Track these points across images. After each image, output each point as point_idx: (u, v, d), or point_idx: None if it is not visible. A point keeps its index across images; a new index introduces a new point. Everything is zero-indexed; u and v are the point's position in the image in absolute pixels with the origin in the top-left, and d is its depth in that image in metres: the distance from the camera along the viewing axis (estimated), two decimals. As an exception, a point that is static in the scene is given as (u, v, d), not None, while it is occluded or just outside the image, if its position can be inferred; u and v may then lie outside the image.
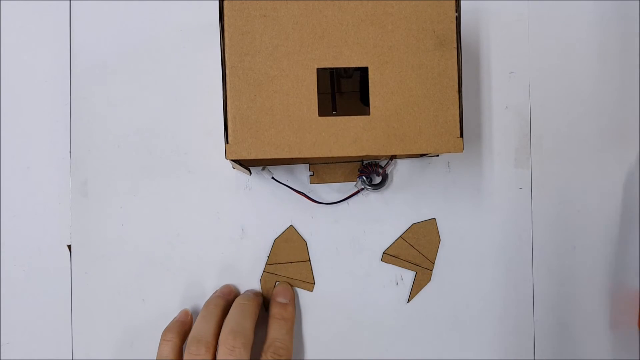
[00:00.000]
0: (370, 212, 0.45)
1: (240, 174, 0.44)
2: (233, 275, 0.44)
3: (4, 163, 0.43)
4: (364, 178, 0.43)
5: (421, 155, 0.43)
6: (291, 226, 0.44)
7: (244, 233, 0.44)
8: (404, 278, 0.45)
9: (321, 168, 0.44)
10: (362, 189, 0.44)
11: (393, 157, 0.43)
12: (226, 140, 0.34)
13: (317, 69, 0.34)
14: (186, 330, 0.41)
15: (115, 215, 0.43)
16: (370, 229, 0.44)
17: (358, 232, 0.44)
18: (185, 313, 0.42)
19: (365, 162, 0.44)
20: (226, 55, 0.34)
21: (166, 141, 0.44)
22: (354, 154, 0.34)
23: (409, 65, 0.35)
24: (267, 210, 0.44)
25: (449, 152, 0.36)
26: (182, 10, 0.44)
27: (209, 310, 0.40)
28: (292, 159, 0.39)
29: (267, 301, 0.43)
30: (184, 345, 0.40)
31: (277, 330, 0.40)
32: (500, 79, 0.46)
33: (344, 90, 0.41)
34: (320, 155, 0.34)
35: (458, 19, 0.35)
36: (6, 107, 0.43)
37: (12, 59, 0.43)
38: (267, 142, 0.34)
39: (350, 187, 0.44)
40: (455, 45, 0.35)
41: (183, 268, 0.43)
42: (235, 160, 0.36)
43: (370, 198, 0.45)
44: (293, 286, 0.44)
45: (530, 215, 0.46)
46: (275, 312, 0.41)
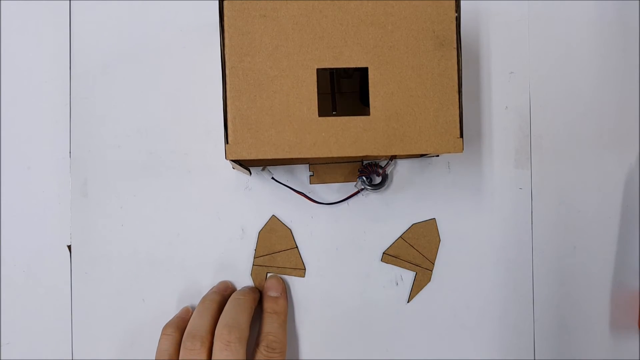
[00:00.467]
0: (370, 213, 0.45)
1: (240, 174, 0.44)
2: (233, 275, 0.44)
3: (4, 163, 0.43)
4: (364, 178, 0.43)
5: (421, 155, 0.43)
6: (273, 216, 0.44)
7: (244, 233, 0.44)
8: (404, 278, 0.45)
9: (321, 168, 0.44)
10: (362, 189, 0.44)
11: (393, 158, 0.43)
12: (226, 141, 0.34)
13: (317, 69, 0.34)
14: (186, 326, 0.41)
15: (115, 215, 0.43)
16: (370, 229, 0.44)
17: (358, 232, 0.44)
18: (186, 310, 0.42)
19: (365, 163, 0.44)
20: (226, 56, 0.34)
21: (166, 141, 0.44)
22: (354, 154, 0.34)
23: (409, 66, 0.35)
24: (267, 211, 0.44)
25: (449, 153, 0.36)
26: (182, 11, 0.44)
27: (204, 305, 0.40)
28: (292, 159, 0.39)
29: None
30: None
31: (270, 324, 0.40)
32: (500, 79, 0.46)
33: (343, 91, 0.41)
34: (320, 156, 0.34)
35: (458, 19, 0.35)
36: (6, 107, 0.43)
37: (12, 59, 0.43)
38: (267, 143, 0.34)
39: (350, 188, 0.44)
40: (455, 46, 0.35)
41: (183, 268, 0.43)
42: (235, 161, 0.36)
43: (370, 198, 0.45)
44: (284, 277, 0.44)
45: (530, 215, 0.46)
46: (267, 306, 0.41)
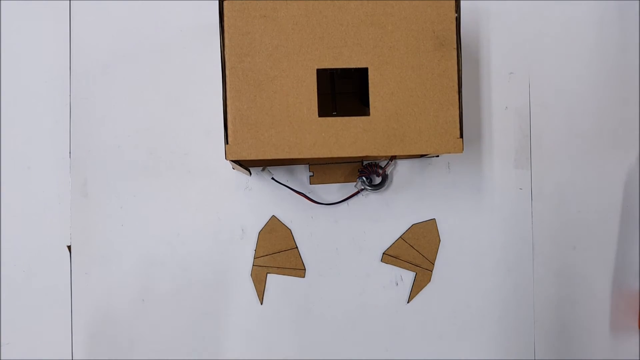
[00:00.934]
0: (370, 213, 0.44)
1: (240, 174, 0.44)
2: (233, 275, 0.44)
3: (4, 163, 0.43)
4: (364, 179, 0.43)
5: (421, 155, 0.43)
6: (273, 216, 0.44)
7: (244, 233, 0.44)
8: (404, 278, 0.45)
9: (321, 169, 0.44)
10: (362, 190, 0.44)
11: (393, 158, 0.43)
12: (226, 141, 0.34)
13: (317, 70, 0.34)
14: None
15: (115, 215, 0.43)
16: (370, 230, 0.44)
17: (358, 233, 0.44)
18: None
19: (365, 163, 0.44)
20: (226, 56, 0.34)
21: (166, 141, 0.44)
22: (353, 155, 0.34)
23: (409, 66, 0.35)
24: (267, 211, 0.44)
25: (449, 153, 0.36)
26: (182, 11, 0.44)
27: None
28: (292, 159, 0.39)
29: (261, 291, 0.42)
30: None
31: None
32: (500, 79, 0.46)
33: (344, 91, 0.41)
34: (320, 156, 0.34)
35: (458, 19, 0.35)
36: (6, 107, 0.43)
37: (12, 59, 0.43)
38: (267, 143, 0.34)
39: (350, 188, 0.44)
40: (455, 46, 0.35)
41: (183, 268, 0.43)
42: (235, 161, 0.36)
43: (370, 198, 0.45)
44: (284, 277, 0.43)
45: (530, 215, 0.46)
46: None
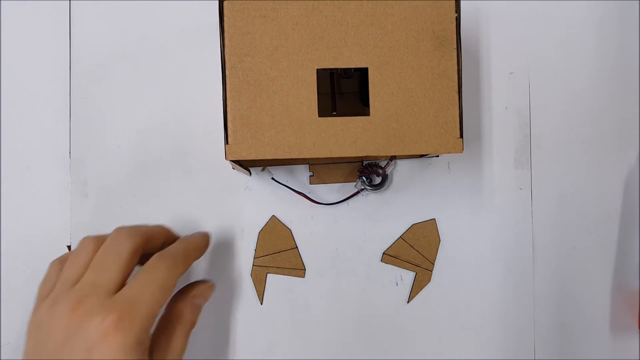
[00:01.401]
0: (370, 213, 0.44)
1: (240, 174, 0.44)
2: (233, 275, 0.44)
3: (4, 163, 0.43)
4: (364, 178, 0.43)
5: (421, 155, 0.43)
6: (273, 216, 0.44)
7: (244, 233, 0.44)
8: (404, 278, 0.45)
9: (321, 169, 0.44)
10: (362, 190, 0.44)
11: (393, 158, 0.43)
12: (226, 141, 0.34)
13: (317, 70, 0.34)
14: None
15: (115, 215, 0.43)
16: (370, 230, 0.44)
17: (358, 233, 0.44)
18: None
19: (365, 163, 0.44)
20: (226, 56, 0.34)
21: (166, 141, 0.44)
22: (353, 155, 0.34)
23: (409, 66, 0.35)
24: (267, 211, 0.44)
25: (449, 153, 0.36)
26: (182, 11, 0.44)
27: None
28: (292, 159, 0.39)
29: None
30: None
31: (176, 244, 0.36)
32: (500, 79, 0.46)
33: (343, 91, 0.41)
34: (320, 156, 0.34)
35: (458, 19, 0.35)
36: (6, 107, 0.43)
37: (12, 59, 0.43)
38: (267, 143, 0.34)
39: (350, 188, 0.44)
40: (455, 46, 0.35)
41: (183, 268, 0.43)
42: (235, 161, 0.36)
43: (370, 198, 0.45)
44: (284, 277, 0.43)
45: (530, 215, 0.46)
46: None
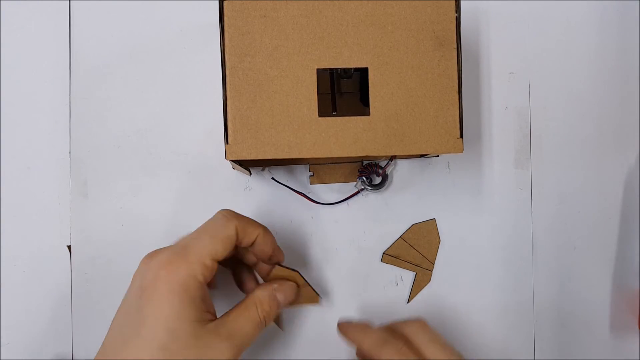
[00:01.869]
0: (370, 213, 0.44)
1: (240, 174, 0.44)
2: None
3: (4, 163, 0.43)
4: (364, 178, 0.43)
5: (421, 155, 0.43)
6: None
7: (244, 233, 0.44)
8: (404, 278, 0.45)
9: (321, 168, 0.44)
10: (362, 190, 0.44)
11: (393, 158, 0.43)
12: (226, 141, 0.34)
13: (317, 70, 0.34)
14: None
15: (115, 215, 0.43)
16: (370, 230, 0.44)
17: (358, 233, 0.44)
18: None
19: (365, 163, 0.44)
20: (226, 56, 0.34)
21: (166, 141, 0.44)
22: (353, 155, 0.34)
23: (409, 66, 0.35)
24: (267, 211, 0.44)
25: (449, 153, 0.36)
26: (182, 10, 0.44)
27: None
28: (292, 159, 0.39)
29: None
30: None
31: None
32: (500, 79, 0.46)
33: (343, 91, 0.41)
34: (320, 156, 0.34)
35: (458, 19, 0.35)
36: (6, 107, 0.43)
37: (12, 59, 0.43)
38: (267, 143, 0.34)
39: (350, 188, 0.44)
40: (455, 46, 0.35)
41: (183, 268, 0.43)
42: (235, 161, 0.36)
43: (370, 198, 0.45)
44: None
45: (530, 215, 0.46)
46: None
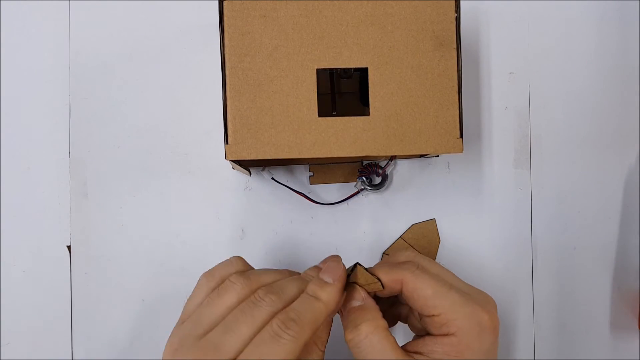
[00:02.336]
0: (370, 213, 0.44)
1: (240, 174, 0.44)
2: (233, 275, 0.44)
3: (4, 163, 0.43)
4: (364, 178, 0.43)
5: (421, 155, 0.43)
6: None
7: (244, 233, 0.44)
8: (404, 278, 0.45)
9: (321, 169, 0.44)
10: (362, 190, 0.44)
11: (393, 158, 0.43)
12: (226, 141, 0.34)
13: (317, 70, 0.34)
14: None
15: (115, 216, 0.43)
16: (370, 230, 0.44)
17: (358, 233, 0.44)
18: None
19: (365, 163, 0.44)
20: (226, 56, 0.34)
21: (166, 141, 0.44)
22: (353, 155, 0.34)
23: (409, 66, 0.35)
24: (267, 211, 0.44)
25: (449, 153, 0.36)
26: (182, 11, 0.44)
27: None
28: (292, 159, 0.39)
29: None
30: None
31: (302, 304, 0.30)
32: (500, 79, 0.46)
33: (343, 91, 0.41)
34: (320, 156, 0.34)
35: (458, 19, 0.35)
36: (6, 107, 0.43)
37: (12, 59, 0.43)
38: (267, 143, 0.34)
39: (350, 188, 0.44)
40: (455, 46, 0.35)
41: (183, 268, 0.43)
42: (235, 161, 0.36)
43: (370, 198, 0.45)
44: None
45: (530, 215, 0.46)
46: (310, 288, 0.31)
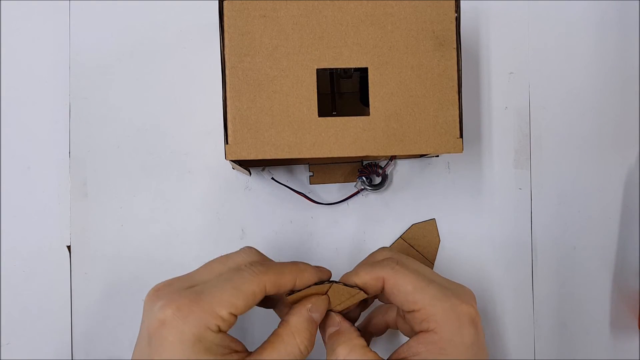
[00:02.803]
0: (370, 213, 0.44)
1: (240, 174, 0.44)
2: (233, 275, 0.43)
3: (4, 163, 0.43)
4: (364, 178, 0.43)
5: (421, 155, 0.43)
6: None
7: (243, 233, 0.44)
8: (404, 278, 0.45)
9: (321, 169, 0.44)
10: (362, 190, 0.44)
11: (393, 158, 0.43)
12: (226, 141, 0.34)
13: (317, 70, 0.34)
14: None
15: (115, 215, 0.43)
16: (370, 230, 0.44)
17: (358, 233, 0.44)
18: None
19: (365, 163, 0.44)
20: (226, 56, 0.34)
21: (166, 141, 0.44)
22: (353, 155, 0.34)
23: (409, 66, 0.35)
24: (267, 211, 0.44)
25: (449, 153, 0.36)
26: (182, 11, 0.44)
27: None
28: (292, 159, 0.39)
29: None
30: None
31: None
32: (500, 79, 0.46)
33: (343, 91, 0.41)
34: (320, 156, 0.34)
35: (458, 19, 0.35)
36: (6, 107, 0.43)
37: (12, 59, 0.43)
38: (267, 143, 0.34)
39: (350, 188, 0.44)
40: (455, 46, 0.35)
41: (183, 268, 0.43)
42: (235, 161, 0.36)
43: (370, 198, 0.45)
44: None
45: (530, 215, 0.46)
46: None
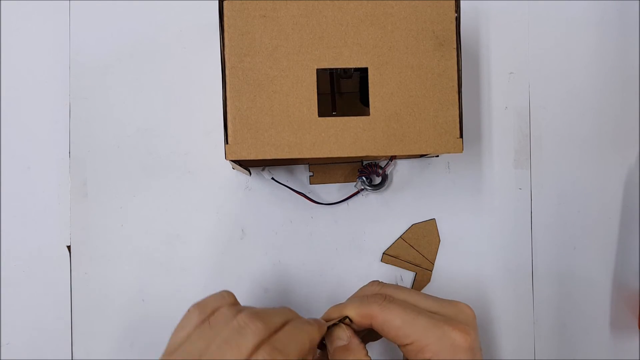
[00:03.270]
0: (370, 213, 0.44)
1: (240, 174, 0.44)
2: (233, 275, 0.44)
3: (4, 163, 0.43)
4: (364, 178, 0.43)
5: (421, 155, 0.43)
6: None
7: (243, 233, 0.44)
8: (404, 278, 0.45)
9: (321, 169, 0.44)
10: (362, 190, 0.44)
11: (393, 158, 0.43)
12: (226, 141, 0.34)
13: (317, 70, 0.34)
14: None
15: (115, 216, 0.43)
16: (370, 230, 0.44)
17: (358, 233, 0.44)
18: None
19: (365, 163, 0.44)
20: (226, 56, 0.34)
21: (166, 141, 0.44)
22: (353, 155, 0.34)
23: (409, 66, 0.35)
24: (267, 211, 0.44)
25: (449, 153, 0.36)
26: (182, 11, 0.44)
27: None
28: (292, 159, 0.39)
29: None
30: None
31: (286, 333, 0.31)
32: (500, 79, 0.46)
33: (343, 91, 0.41)
34: (320, 156, 0.34)
35: (458, 19, 0.35)
36: (6, 107, 0.43)
37: (12, 59, 0.43)
38: (267, 143, 0.34)
39: (350, 188, 0.44)
40: (455, 46, 0.35)
41: (183, 268, 0.43)
42: (235, 161, 0.36)
43: (370, 198, 0.45)
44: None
45: (530, 215, 0.46)
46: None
